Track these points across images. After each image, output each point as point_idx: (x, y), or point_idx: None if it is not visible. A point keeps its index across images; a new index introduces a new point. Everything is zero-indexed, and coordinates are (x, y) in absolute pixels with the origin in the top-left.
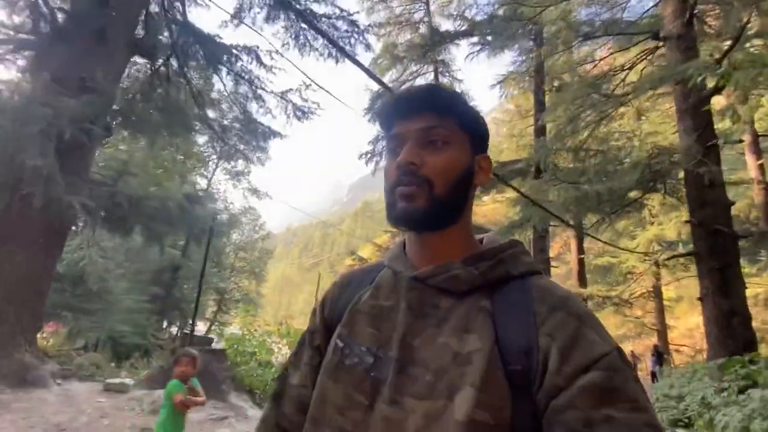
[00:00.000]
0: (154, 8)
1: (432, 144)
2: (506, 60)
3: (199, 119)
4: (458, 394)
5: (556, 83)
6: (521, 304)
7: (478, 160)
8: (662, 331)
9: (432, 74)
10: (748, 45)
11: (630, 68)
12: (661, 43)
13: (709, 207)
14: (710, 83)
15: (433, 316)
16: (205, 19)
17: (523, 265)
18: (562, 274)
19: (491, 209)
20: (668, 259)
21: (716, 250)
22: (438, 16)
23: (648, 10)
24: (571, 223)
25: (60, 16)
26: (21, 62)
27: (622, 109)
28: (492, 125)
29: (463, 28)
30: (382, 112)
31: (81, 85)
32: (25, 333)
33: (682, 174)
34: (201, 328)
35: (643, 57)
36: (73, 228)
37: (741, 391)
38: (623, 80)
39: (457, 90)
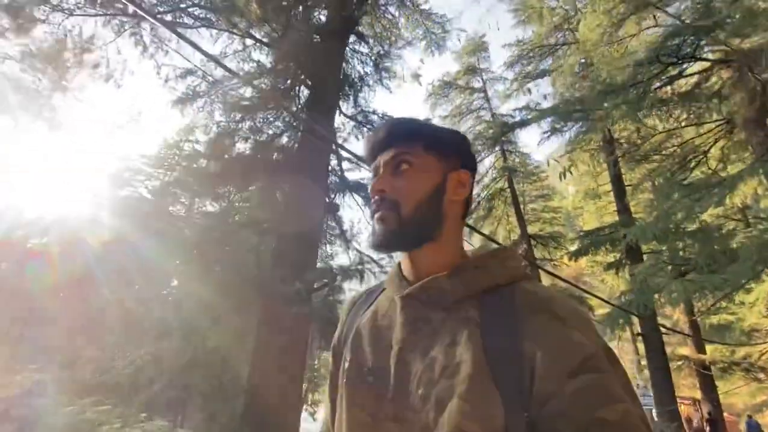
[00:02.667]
0: None
1: (399, 170)
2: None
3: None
4: (447, 406)
5: (626, 146)
6: (507, 311)
7: (451, 175)
8: None
9: (500, 153)
10: None
11: (708, 149)
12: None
13: None
14: None
15: (425, 330)
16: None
17: (509, 272)
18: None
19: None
20: None
21: None
22: (496, 99)
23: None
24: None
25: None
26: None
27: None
28: (559, 181)
29: (530, 116)
30: (364, 154)
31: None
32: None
33: None
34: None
35: (722, 135)
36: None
37: None
38: (705, 154)
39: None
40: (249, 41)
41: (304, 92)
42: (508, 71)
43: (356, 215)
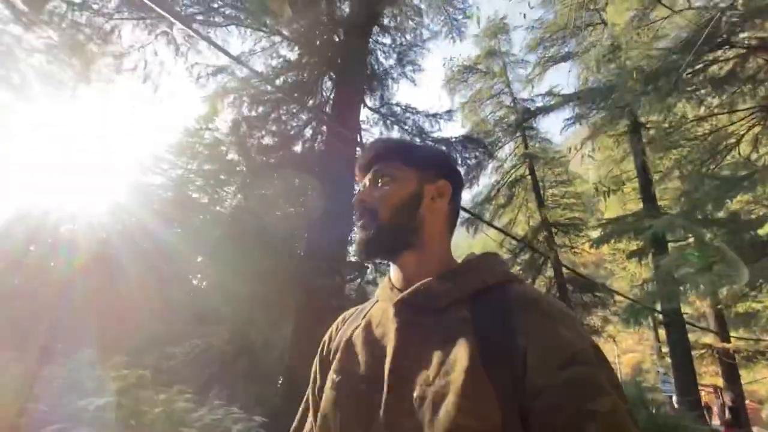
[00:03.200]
0: None
1: (379, 182)
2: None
3: None
4: (443, 403)
5: (652, 132)
6: (499, 311)
7: (429, 186)
8: None
9: (521, 139)
10: None
11: (742, 137)
12: None
13: None
14: None
15: (419, 334)
16: None
17: (499, 274)
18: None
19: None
20: None
21: None
22: (517, 83)
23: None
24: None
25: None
26: None
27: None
28: (579, 166)
29: (552, 102)
30: (355, 170)
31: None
32: None
33: None
34: None
35: (756, 122)
36: None
37: None
38: (738, 142)
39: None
40: (276, 38)
41: (327, 84)
42: (530, 54)
43: None
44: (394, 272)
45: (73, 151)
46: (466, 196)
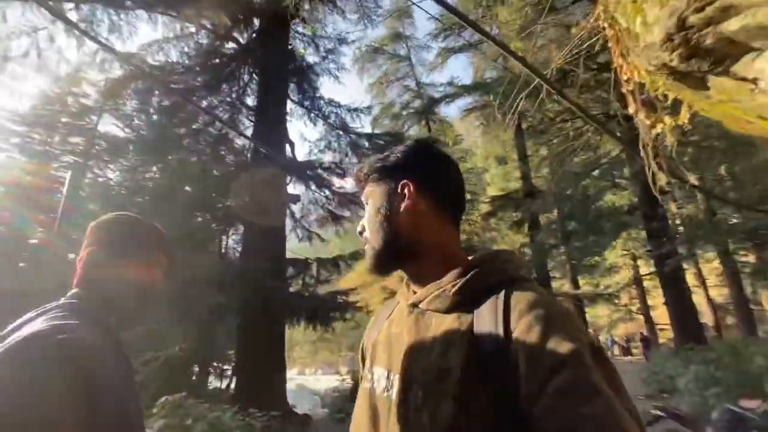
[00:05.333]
0: None
1: (365, 207)
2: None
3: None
4: (441, 407)
5: (531, 120)
6: (497, 314)
7: (392, 196)
8: (646, 314)
9: (425, 123)
10: None
11: (592, 135)
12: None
13: (659, 240)
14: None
15: (426, 336)
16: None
17: (501, 275)
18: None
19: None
20: (641, 276)
21: (669, 272)
22: (421, 67)
23: None
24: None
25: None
26: None
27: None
28: (473, 148)
29: (452, 92)
30: None
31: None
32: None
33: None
34: None
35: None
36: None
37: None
38: (589, 138)
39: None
40: (190, 26)
41: (244, 77)
42: (434, 42)
43: (307, 197)
44: (406, 277)
45: None
46: None
